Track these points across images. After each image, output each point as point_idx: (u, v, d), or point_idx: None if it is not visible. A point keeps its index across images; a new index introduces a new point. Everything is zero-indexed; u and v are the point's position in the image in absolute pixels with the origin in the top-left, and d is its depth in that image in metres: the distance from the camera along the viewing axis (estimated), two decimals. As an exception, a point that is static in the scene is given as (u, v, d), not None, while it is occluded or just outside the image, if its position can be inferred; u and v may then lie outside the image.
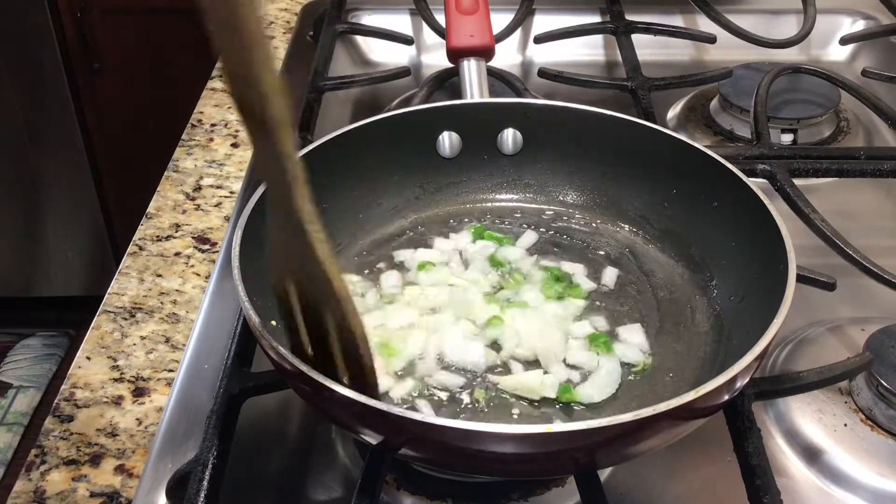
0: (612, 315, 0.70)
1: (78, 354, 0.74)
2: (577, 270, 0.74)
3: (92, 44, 2.00)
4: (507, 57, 1.18)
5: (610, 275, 0.74)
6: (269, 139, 0.43)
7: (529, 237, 0.78)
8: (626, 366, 0.66)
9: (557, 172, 0.81)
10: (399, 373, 0.64)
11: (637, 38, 1.13)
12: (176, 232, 0.87)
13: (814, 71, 1.05)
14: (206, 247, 0.86)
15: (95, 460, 0.65)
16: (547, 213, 0.81)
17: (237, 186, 0.94)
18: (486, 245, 0.76)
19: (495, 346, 0.67)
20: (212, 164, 0.97)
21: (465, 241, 0.77)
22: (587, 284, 0.73)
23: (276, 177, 0.46)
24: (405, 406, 0.62)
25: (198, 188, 0.94)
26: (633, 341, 0.67)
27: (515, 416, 0.62)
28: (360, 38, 1.22)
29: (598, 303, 0.71)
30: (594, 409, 0.62)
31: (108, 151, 2.18)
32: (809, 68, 1.05)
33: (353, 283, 0.72)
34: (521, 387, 0.62)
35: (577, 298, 0.71)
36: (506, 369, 0.65)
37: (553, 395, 0.62)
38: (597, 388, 0.63)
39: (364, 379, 0.54)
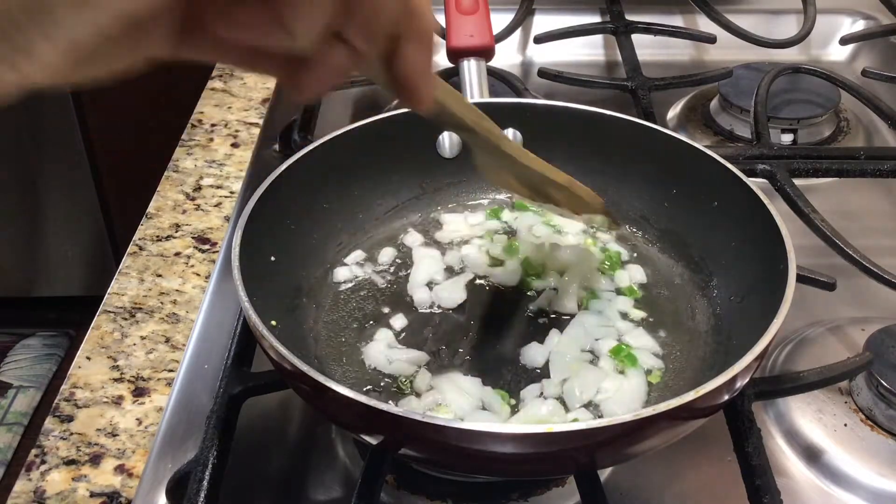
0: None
1: (78, 354, 0.74)
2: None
3: (92, 44, 2.00)
4: (507, 57, 1.18)
5: (610, 275, 0.74)
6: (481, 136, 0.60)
7: (529, 237, 0.78)
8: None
9: (557, 172, 0.81)
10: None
11: (637, 38, 1.13)
12: (176, 232, 0.87)
13: (814, 71, 1.05)
14: (206, 247, 0.86)
15: (95, 460, 0.65)
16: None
17: (237, 186, 0.94)
18: (526, 215, 0.79)
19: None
20: (212, 164, 0.97)
21: (480, 218, 0.79)
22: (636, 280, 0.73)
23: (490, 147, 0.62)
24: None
25: (198, 188, 0.94)
26: (645, 346, 0.67)
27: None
28: (360, 38, 1.21)
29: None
30: (595, 409, 0.62)
31: (108, 151, 2.18)
32: (809, 68, 1.05)
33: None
34: (532, 420, 0.61)
35: (631, 299, 0.71)
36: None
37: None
38: (620, 405, 0.62)
39: (595, 207, 0.69)
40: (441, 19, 0.97)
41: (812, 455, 0.65)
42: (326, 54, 0.40)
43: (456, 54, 0.89)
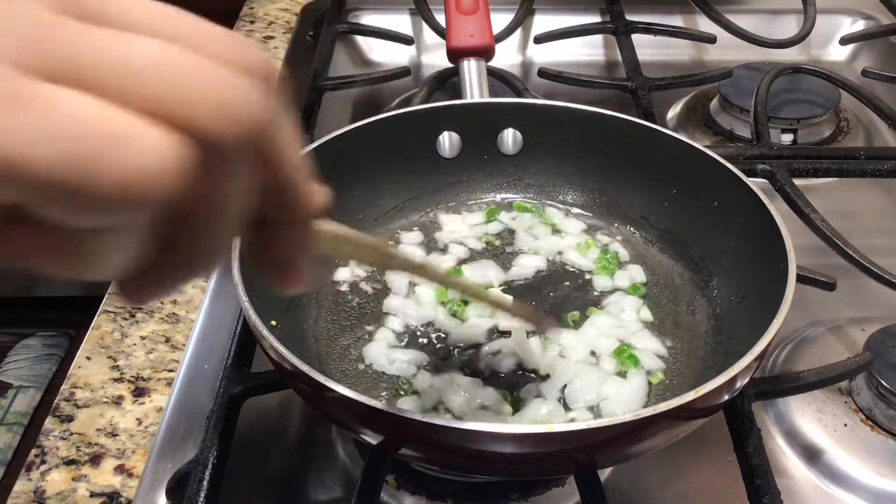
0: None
1: (78, 354, 0.74)
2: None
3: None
4: (507, 57, 1.18)
5: (610, 275, 0.74)
6: None
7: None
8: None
9: (557, 172, 0.81)
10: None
11: (637, 38, 1.13)
12: (176, 232, 0.87)
13: (814, 71, 1.05)
14: (206, 247, 0.86)
15: (95, 460, 0.65)
16: (547, 213, 0.81)
17: (237, 186, 0.93)
18: (525, 216, 0.78)
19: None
20: (212, 164, 0.97)
21: (479, 219, 0.79)
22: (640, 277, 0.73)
23: None
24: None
25: (198, 188, 0.94)
26: (647, 347, 0.67)
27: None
28: (360, 38, 1.22)
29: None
30: (595, 409, 0.62)
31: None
32: (809, 68, 1.05)
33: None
34: (532, 421, 0.61)
35: (638, 297, 0.71)
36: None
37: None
38: (620, 406, 0.62)
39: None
40: (441, 19, 0.97)
41: (812, 455, 0.65)
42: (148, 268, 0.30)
43: (456, 54, 0.89)
